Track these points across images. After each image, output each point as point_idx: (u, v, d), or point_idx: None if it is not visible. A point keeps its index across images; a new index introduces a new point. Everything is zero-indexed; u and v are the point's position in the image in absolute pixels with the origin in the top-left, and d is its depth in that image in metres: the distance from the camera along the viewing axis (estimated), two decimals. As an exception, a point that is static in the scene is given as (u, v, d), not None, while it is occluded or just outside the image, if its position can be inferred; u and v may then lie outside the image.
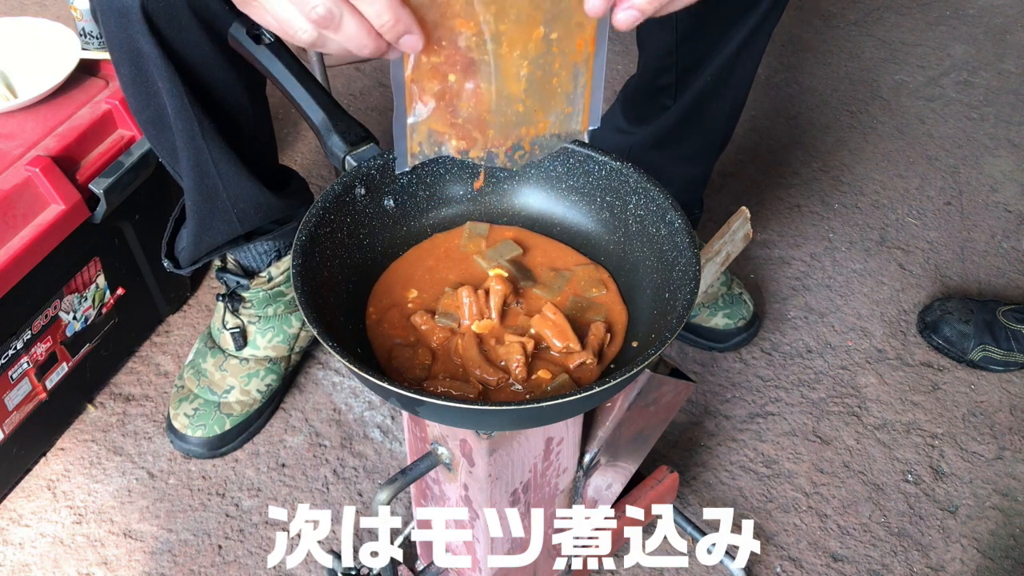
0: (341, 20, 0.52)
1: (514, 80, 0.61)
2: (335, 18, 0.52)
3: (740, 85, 1.13)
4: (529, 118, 0.64)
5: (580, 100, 0.65)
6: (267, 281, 1.17)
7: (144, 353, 1.31)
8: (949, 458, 1.20)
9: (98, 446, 1.20)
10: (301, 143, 1.66)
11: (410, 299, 0.74)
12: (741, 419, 1.24)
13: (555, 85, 0.63)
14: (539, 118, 0.65)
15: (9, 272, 1.01)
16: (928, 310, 1.35)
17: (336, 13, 0.52)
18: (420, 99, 0.61)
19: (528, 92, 0.63)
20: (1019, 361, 1.27)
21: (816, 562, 1.09)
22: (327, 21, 0.52)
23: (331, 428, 1.22)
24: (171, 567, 1.08)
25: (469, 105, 0.62)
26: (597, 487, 0.89)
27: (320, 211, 0.72)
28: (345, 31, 0.53)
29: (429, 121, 0.63)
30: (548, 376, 0.68)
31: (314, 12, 0.51)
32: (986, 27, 2.02)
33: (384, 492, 0.71)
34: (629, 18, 0.57)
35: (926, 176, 1.64)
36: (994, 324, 1.28)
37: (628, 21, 0.57)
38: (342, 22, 0.52)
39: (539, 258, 0.79)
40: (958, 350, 1.29)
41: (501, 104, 0.62)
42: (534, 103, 0.64)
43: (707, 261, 0.82)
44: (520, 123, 0.64)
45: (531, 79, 0.62)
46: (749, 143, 1.70)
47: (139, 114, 0.97)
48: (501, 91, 0.62)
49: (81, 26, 1.18)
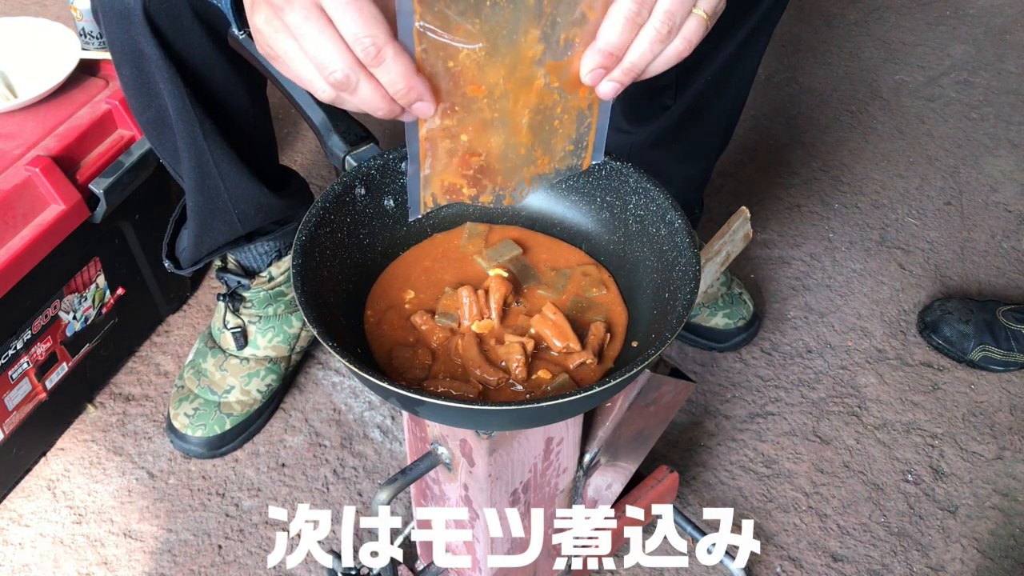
0: (357, 85, 0.54)
1: (519, 129, 0.64)
2: (351, 83, 0.54)
3: (741, 85, 1.13)
4: (531, 158, 0.67)
5: (585, 139, 0.68)
6: (268, 281, 1.17)
7: (144, 353, 1.31)
8: (949, 458, 1.20)
9: (98, 446, 1.20)
10: (301, 143, 1.66)
11: (407, 300, 0.74)
12: (741, 419, 1.24)
13: (557, 127, 0.65)
14: (539, 156, 0.68)
15: (9, 272, 1.01)
16: (928, 310, 1.35)
17: (353, 79, 0.54)
18: (433, 155, 0.64)
19: (532, 137, 0.65)
20: (1019, 361, 1.27)
21: (816, 562, 1.09)
22: (343, 85, 0.54)
23: (331, 428, 1.22)
24: (171, 567, 1.08)
25: (480, 159, 0.65)
26: (597, 487, 0.89)
27: (320, 211, 0.72)
28: (361, 95, 0.55)
29: (442, 175, 0.66)
30: (548, 376, 0.68)
31: (332, 76, 0.54)
32: (986, 27, 2.02)
33: (384, 492, 0.71)
34: (610, 89, 0.60)
35: (926, 176, 1.64)
36: (994, 324, 1.28)
37: (609, 92, 0.60)
38: (358, 87, 0.54)
39: (539, 257, 0.79)
40: (958, 350, 1.29)
41: (508, 152, 0.66)
42: (536, 145, 0.66)
43: (707, 261, 0.82)
44: (524, 164, 0.67)
45: (533, 124, 0.64)
46: (749, 143, 1.70)
47: (140, 115, 0.97)
48: (508, 141, 0.65)
49: (81, 26, 1.18)
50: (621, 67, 0.59)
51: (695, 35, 0.58)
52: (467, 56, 0.58)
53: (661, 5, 0.56)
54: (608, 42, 0.57)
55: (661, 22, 0.56)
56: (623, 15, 0.56)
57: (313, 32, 0.53)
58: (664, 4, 0.56)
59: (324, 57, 0.53)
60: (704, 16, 0.57)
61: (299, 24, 0.53)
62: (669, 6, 0.56)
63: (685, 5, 0.56)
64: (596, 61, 0.59)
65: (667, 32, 0.56)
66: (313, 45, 0.53)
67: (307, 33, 0.53)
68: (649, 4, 0.56)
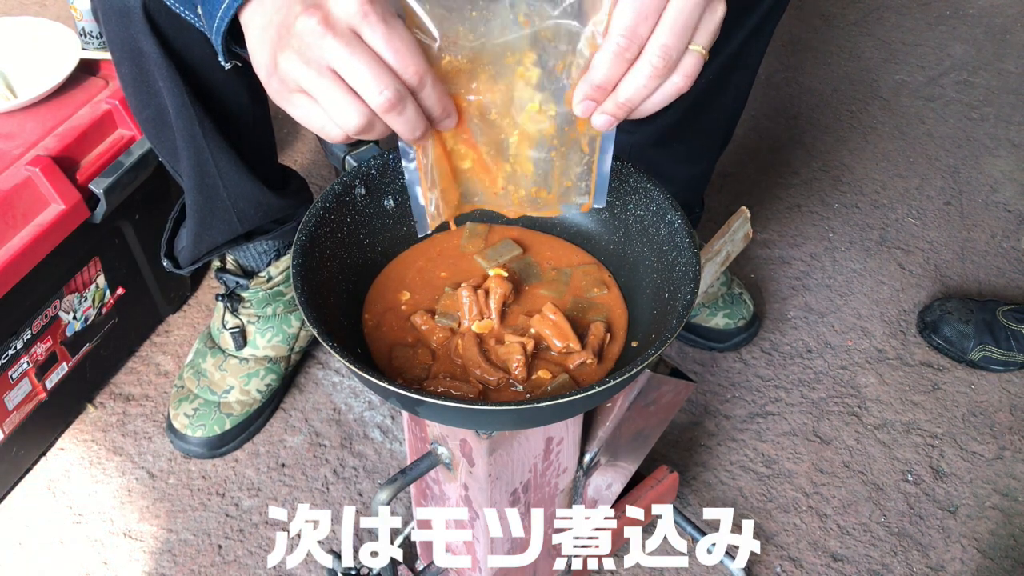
0: (406, 106, 0.55)
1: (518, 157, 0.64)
2: (402, 104, 0.54)
3: (742, 84, 1.13)
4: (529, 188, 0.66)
5: (585, 179, 0.66)
6: (266, 281, 1.17)
7: (144, 353, 1.31)
8: (949, 458, 1.20)
9: (98, 446, 1.20)
10: (301, 143, 1.66)
11: (403, 302, 0.74)
12: (741, 419, 1.24)
13: (554, 158, 0.64)
14: (535, 192, 0.66)
15: (9, 272, 1.01)
16: (928, 310, 1.35)
17: (404, 99, 0.54)
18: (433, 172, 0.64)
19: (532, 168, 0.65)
20: (1019, 361, 1.27)
21: (816, 562, 1.09)
22: (392, 106, 0.54)
23: (331, 428, 1.22)
24: (171, 567, 1.08)
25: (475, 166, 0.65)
26: (597, 487, 0.89)
27: (320, 211, 0.72)
28: (407, 115, 0.55)
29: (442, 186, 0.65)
30: (548, 376, 0.68)
31: (381, 97, 0.53)
32: (986, 27, 2.02)
33: (384, 492, 0.71)
34: (602, 121, 0.60)
35: (926, 176, 1.64)
36: (994, 324, 1.28)
37: (602, 124, 0.60)
38: (406, 108, 0.55)
39: (540, 257, 0.79)
40: (958, 350, 1.29)
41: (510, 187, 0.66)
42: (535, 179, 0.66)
43: (707, 261, 0.82)
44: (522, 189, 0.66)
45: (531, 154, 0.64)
46: (749, 143, 1.70)
47: (139, 113, 0.97)
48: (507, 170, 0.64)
49: (81, 26, 1.18)
50: (615, 101, 0.58)
51: (694, 71, 0.57)
52: (454, 64, 0.58)
53: (656, 40, 0.55)
54: (596, 75, 0.57)
55: (657, 57, 0.55)
56: (611, 49, 0.56)
57: (356, 59, 0.52)
58: (660, 39, 0.55)
59: (371, 81, 0.53)
60: (702, 52, 0.57)
61: (338, 52, 0.52)
62: (666, 40, 0.55)
63: (682, 40, 0.55)
64: (585, 92, 0.58)
65: (663, 67, 0.56)
66: (356, 72, 0.53)
67: (350, 61, 0.52)
68: (640, 40, 0.55)
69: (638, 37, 0.55)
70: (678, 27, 0.55)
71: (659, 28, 0.55)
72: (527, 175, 0.64)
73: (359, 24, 0.52)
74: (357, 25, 0.52)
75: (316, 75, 0.54)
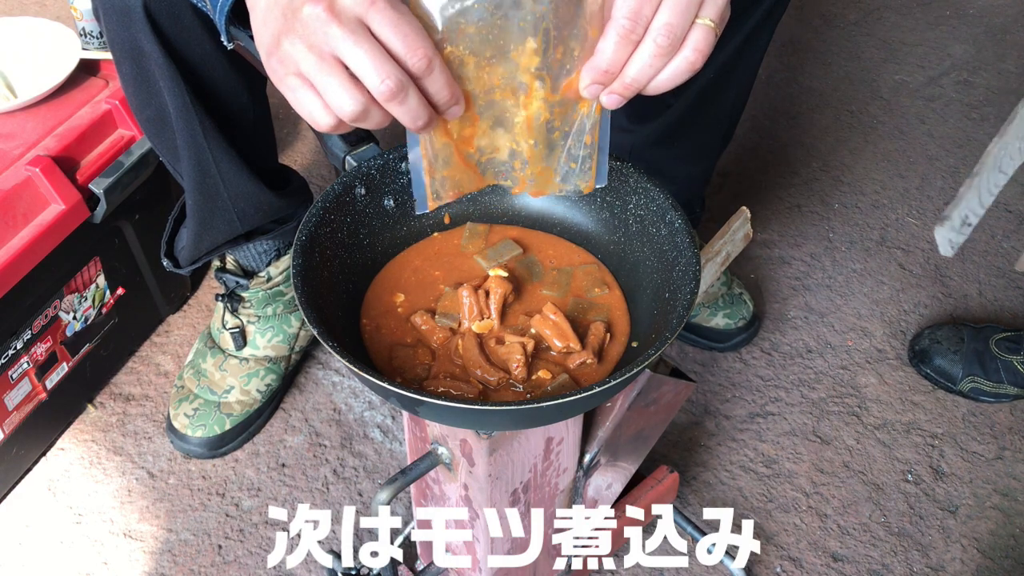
0: (408, 95, 0.55)
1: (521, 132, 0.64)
2: (403, 92, 0.54)
3: (742, 83, 1.13)
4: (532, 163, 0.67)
5: (587, 161, 0.67)
6: (266, 281, 1.17)
7: (144, 353, 1.31)
8: (949, 458, 1.20)
9: (98, 446, 1.20)
10: (301, 143, 1.66)
11: (398, 303, 0.74)
12: (741, 419, 1.24)
13: (557, 139, 0.65)
14: (539, 171, 0.67)
15: (9, 272, 1.01)
16: (918, 338, 1.32)
17: (406, 88, 0.54)
18: (433, 152, 0.64)
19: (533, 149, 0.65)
20: (1009, 393, 1.24)
21: (816, 562, 1.09)
22: (394, 94, 0.54)
23: (331, 428, 1.22)
24: (171, 567, 1.08)
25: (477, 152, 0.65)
26: (597, 487, 0.89)
27: (320, 211, 0.72)
28: (409, 104, 0.55)
29: (444, 170, 0.65)
30: (548, 376, 0.68)
31: (383, 85, 0.53)
32: (986, 27, 2.02)
33: (384, 492, 0.71)
34: (612, 101, 0.60)
35: (926, 176, 1.64)
36: (985, 354, 1.25)
37: (612, 103, 0.60)
38: (408, 96, 0.55)
39: (540, 257, 0.79)
40: (947, 381, 1.28)
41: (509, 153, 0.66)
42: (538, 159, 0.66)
43: (707, 261, 0.82)
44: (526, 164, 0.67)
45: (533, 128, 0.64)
46: (750, 143, 1.70)
47: (140, 113, 0.97)
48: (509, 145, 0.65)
49: (81, 26, 1.18)
50: (622, 82, 0.58)
51: (705, 44, 0.57)
52: (456, 56, 0.58)
53: (660, 18, 0.55)
54: (603, 59, 0.57)
55: (662, 36, 0.55)
56: (617, 32, 0.56)
57: (360, 48, 0.52)
58: (663, 17, 0.55)
59: (373, 69, 0.53)
60: (711, 24, 0.56)
61: (343, 40, 0.52)
62: (668, 19, 0.55)
63: (686, 16, 0.55)
64: (591, 77, 0.59)
65: (668, 45, 0.56)
66: (359, 60, 0.53)
67: (354, 49, 0.52)
68: (645, 19, 0.55)
69: (643, 18, 0.55)
70: (682, 4, 0.55)
71: (663, 7, 0.55)
72: (532, 158, 0.65)
73: (367, 10, 0.52)
74: (365, 11, 0.52)
75: (318, 60, 0.54)
